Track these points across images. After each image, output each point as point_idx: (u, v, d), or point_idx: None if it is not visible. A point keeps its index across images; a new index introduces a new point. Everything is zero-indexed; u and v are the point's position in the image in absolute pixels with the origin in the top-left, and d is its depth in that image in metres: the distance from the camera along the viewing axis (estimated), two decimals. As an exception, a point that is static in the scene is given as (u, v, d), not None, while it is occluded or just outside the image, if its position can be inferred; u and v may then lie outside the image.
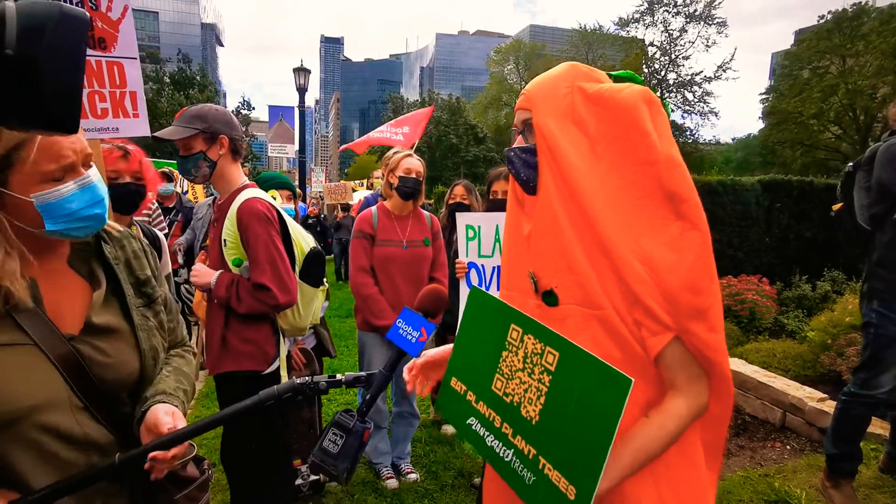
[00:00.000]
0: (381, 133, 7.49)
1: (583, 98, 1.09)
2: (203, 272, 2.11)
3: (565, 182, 1.04)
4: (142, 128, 2.52)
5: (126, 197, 2.18)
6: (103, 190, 1.07)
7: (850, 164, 2.93)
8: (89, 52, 2.27)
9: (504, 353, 1.02)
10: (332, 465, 0.99)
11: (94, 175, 1.06)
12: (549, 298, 1.07)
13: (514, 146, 1.20)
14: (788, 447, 3.52)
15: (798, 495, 2.81)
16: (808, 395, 3.68)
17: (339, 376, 1.09)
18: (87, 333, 1.06)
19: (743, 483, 3.00)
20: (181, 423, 1.06)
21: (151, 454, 0.99)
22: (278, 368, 2.18)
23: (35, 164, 0.95)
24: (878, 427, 3.25)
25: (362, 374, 1.10)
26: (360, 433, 1.02)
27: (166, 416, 1.06)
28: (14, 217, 0.96)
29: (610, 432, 0.80)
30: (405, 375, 1.23)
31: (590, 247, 1.01)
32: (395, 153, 4.23)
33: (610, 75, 1.17)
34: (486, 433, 1.03)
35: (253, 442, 2.10)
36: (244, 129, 34.13)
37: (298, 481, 2.89)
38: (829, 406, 3.49)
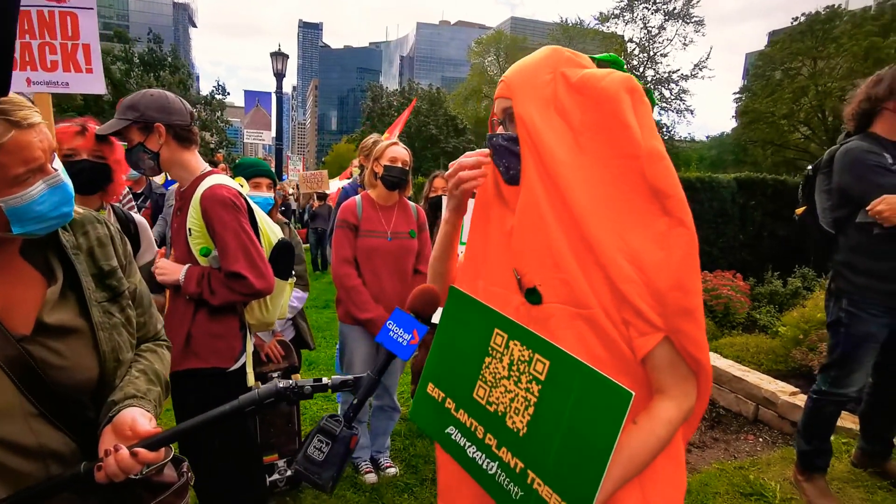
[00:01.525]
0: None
1: (566, 86, 1.03)
2: (170, 268, 1.97)
3: (549, 175, 0.99)
4: (95, 85, 2.36)
5: (83, 174, 1.95)
6: (71, 186, 0.99)
7: (810, 167, 2.90)
8: (41, 1, 2.16)
9: (487, 360, 0.97)
10: (317, 473, 0.93)
11: (62, 170, 0.98)
12: (532, 296, 1.02)
13: (496, 133, 1.13)
14: (761, 440, 3.60)
15: (772, 488, 2.86)
16: (781, 389, 3.77)
17: (325, 380, 1.02)
18: (40, 333, 0.96)
19: (719, 476, 3.05)
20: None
21: (137, 448, 0.92)
22: (244, 365, 2.08)
23: (3, 167, 0.87)
24: (849, 422, 3.34)
25: (349, 377, 1.03)
26: (346, 440, 0.95)
27: (144, 418, 0.98)
28: None
29: (608, 448, 0.76)
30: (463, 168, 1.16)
31: (576, 244, 0.97)
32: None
33: (593, 58, 1.12)
34: (468, 444, 0.98)
35: (216, 439, 2.00)
36: (219, 115, 33.41)
37: (275, 476, 2.83)
38: (801, 400, 3.57)
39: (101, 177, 2.01)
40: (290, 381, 1.00)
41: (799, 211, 2.95)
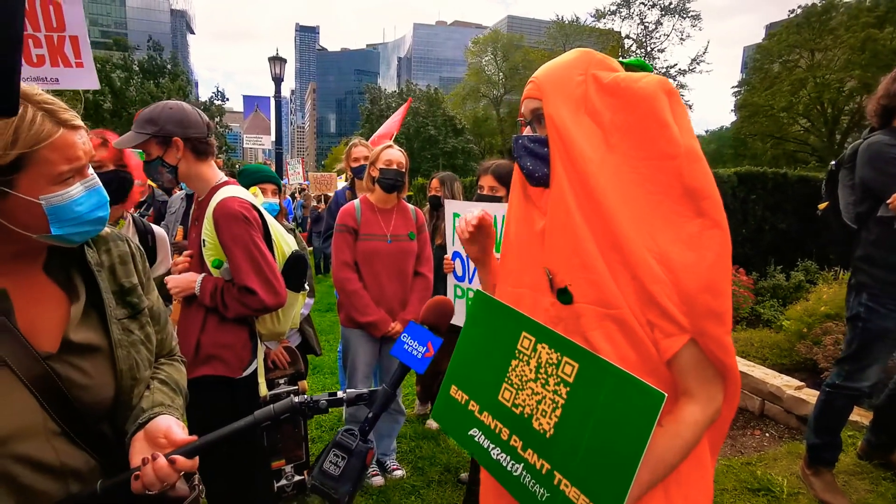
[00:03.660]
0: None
1: (597, 88, 1.03)
2: (183, 281, 1.98)
3: (578, 176, 0.99)
4: (88, 79, 2.24)
5: (112, 185, 1.98)
6: (105, 191, 1.02)
7: (833, 162, 2.89)
8: None
9: (513, 362, 0.97)
10: (333, 488, 0.93)
11: (96, 176, 1.00)
12: (564, 296, 1.02)
13: (522, 134, 1.14)
14: (767, 434, 3.59)
15: (780, 483, 2.86)
16: (786, 384, 3.76)
17: (340, 394, 1.04)
18: (66, 352, 0.96)
19: (726, 472, 3.04)
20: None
21: (174, 456, 0.94)
22: (254, 373, 2.08)
23: (49, 164, 0.89)
24: (854, 414, 3.33)
25: (364, 391, 1.04)
26: (363, 454, 0.96)
27: (178, 426, 1.00)
28: (14, 220, 0.89)
29: (639, 449, 0.76)
30: (460, 224, 1.27)
31: (604, 244, 0.97)
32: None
33: (621, 62, 1.12)
34: (492, 446, 0.98)
35: (223, 446, 2.01)
36: (217, 120, 33.49)
37: (282, 482, 2.83)
38: (807, 394, 3.57)
39: (127, 186, 2.04)
40: (306, 397, 1.00)
41: (822, 206, 2.93)
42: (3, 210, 0.88)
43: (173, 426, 1.00)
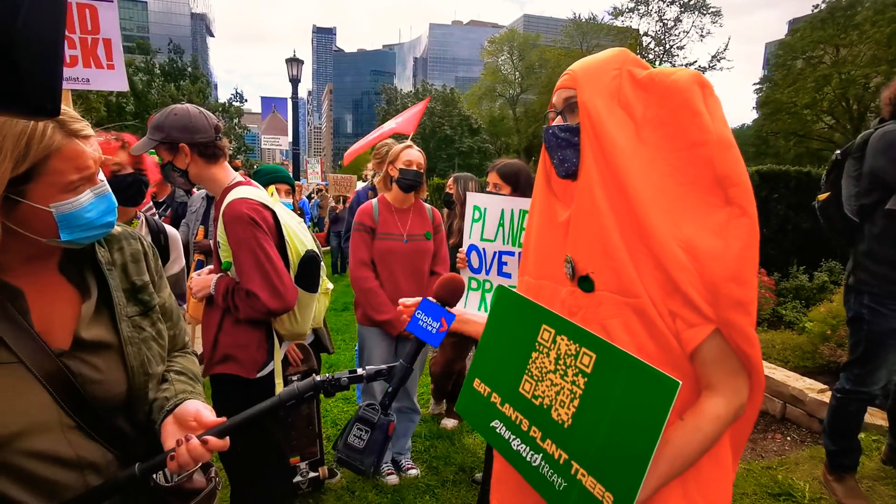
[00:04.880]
0: (377, 132, 7.50)
1: (631, 82, 1.05)
2: (201, 282, 2.03)
3: (608, 164, 1.00)
4: (118, 81, 2.30)
5: (132, 187, 2.09)
6: (114, 197, 1.05)
7: (839, 151, 2.78)
8: None
9: (534, 355, 0.98)
10: (359, 459, 0.98)
11: (105, 182, 1.03)
12: (585, 284, 1.03)
13: (552, 124, 1.14)
14: (789, 438, 3.52)
15: (801, 488, 2.80)
16: (809, 387, 3.68)
17: (360, 371, 1.08)
18: (78, 349, 0.99)
19: (746, 476, 2.99)
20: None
21: (206, 437, 0.97)
22: (271, 373, 2.09)
23: (59, 173, 0.92)
24: (879, 418, 3.25)
25: (383, 367, 1.09)
26: (385, 426, 1.01)
27: (207, 409, 1.03)
28: (26, 227, 0.92)
29: (654, 437, 0.76)
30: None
31: (628, 233, 0.97)
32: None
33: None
34: (512, 437, 0.99)
35: (239, 443, 2.03)
36: (236, 121, 34.01)
37: (297, 478, 2.86)
38: (830, 397, 3.49)
39: (144, 188, 2.11)
40: (327, 375, 1.04)
41: (821, 197, 2.82)
42: (15, 217, 0.91)
43: (202, 409, 1.04)
